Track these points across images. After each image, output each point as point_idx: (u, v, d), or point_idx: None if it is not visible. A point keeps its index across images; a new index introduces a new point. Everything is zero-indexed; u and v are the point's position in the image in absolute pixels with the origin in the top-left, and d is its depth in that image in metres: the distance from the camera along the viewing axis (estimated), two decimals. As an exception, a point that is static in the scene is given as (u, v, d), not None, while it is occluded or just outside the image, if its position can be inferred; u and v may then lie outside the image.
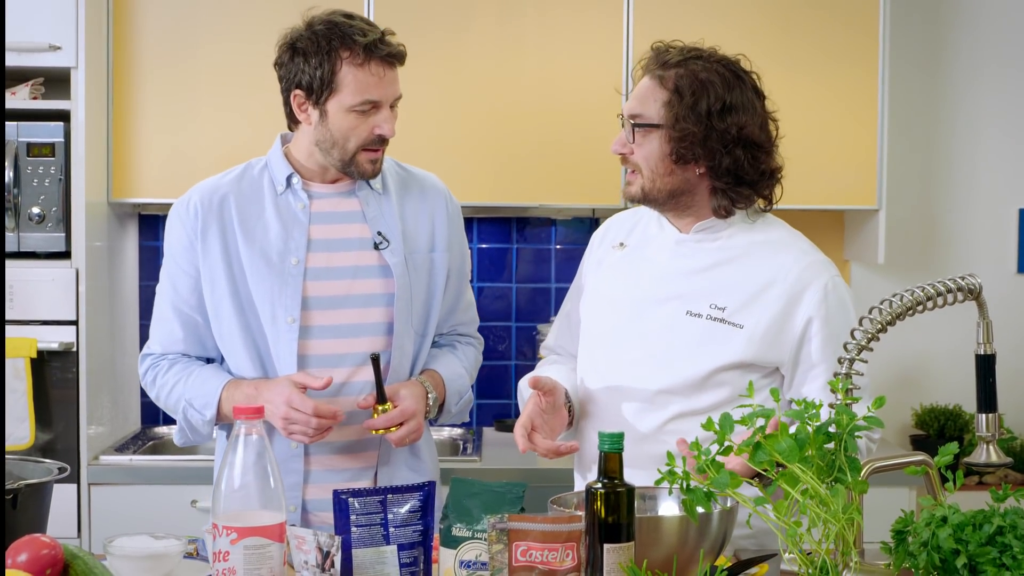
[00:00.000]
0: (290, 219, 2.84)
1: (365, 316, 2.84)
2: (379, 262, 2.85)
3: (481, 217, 4.43)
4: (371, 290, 2.84)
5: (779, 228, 2.77)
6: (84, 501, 3.79)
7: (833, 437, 2.10)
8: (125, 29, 3.99)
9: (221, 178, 2.91)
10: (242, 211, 2.84)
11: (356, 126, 2.77)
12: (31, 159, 3.80)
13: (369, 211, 2.87)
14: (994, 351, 2.31)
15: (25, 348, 3.73)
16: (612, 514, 2.07)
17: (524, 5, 4.05)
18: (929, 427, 4.20)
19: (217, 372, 2.86)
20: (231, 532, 2.12)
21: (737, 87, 2.66)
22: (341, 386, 2.82)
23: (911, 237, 4.50)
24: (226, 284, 2.82)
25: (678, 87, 2.62)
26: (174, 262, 2.88)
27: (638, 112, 2.66)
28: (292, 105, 2.82)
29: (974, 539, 2.00)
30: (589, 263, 2.90)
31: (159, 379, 2.89)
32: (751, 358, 2.63)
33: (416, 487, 2.31)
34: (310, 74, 2.75)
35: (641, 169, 2.67)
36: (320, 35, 2.75)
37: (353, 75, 2.74)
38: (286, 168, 2.86)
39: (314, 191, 2.87)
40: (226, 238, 2.83)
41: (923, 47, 4.48)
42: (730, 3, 4.07)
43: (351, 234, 2.86)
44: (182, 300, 2.87)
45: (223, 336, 2.85)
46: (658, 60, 2.68)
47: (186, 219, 2.86)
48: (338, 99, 2.76)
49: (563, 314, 2.98)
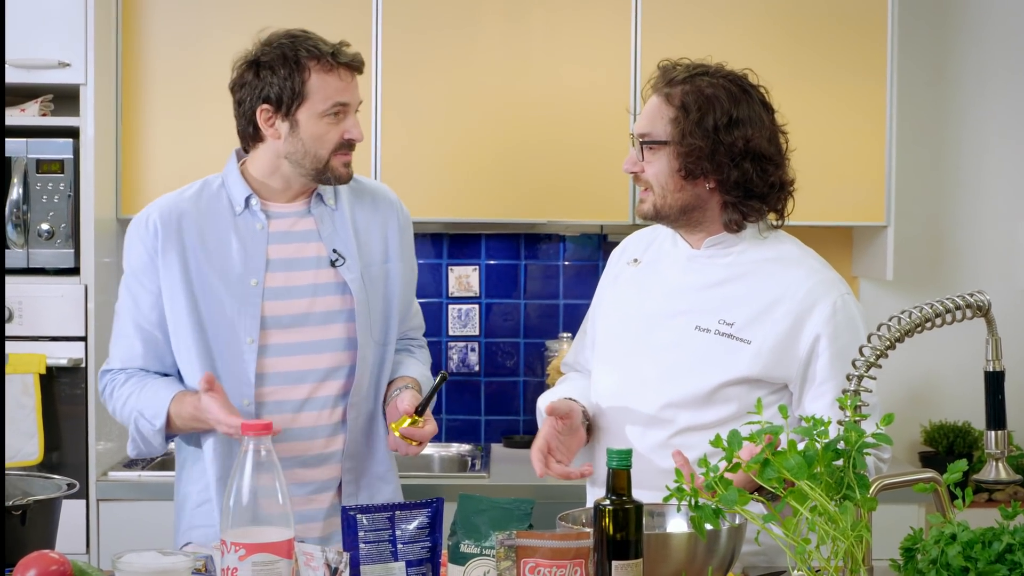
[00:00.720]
0: (249, 239, 2.87)
1: (325, 333, 2.89)
2: (336, 279, 2.89)
3: (489, 233, 4.43)
4: (330, 307, 2.89)
5: (790, 244, 2.78)
6: (93, 517, 3.80)
7: (841, 454, 2.09)
8: (134, 46, 4.00)
9: (179, 195, 2.93)
10: (201, 230, 2.87)
11: (327, 132, 2.83)
12: (40, 175, 3.81)
13: (324, 229, 2.91)
14: (1003, 368, 2.31)
15: (34, 364, 3.73)
16: (620, 531, 2.07)
17: (531, 20, 4.06)
18: (938, 444, 4.19)
19: (169, 384, 2.87)
20: (239, 548, 2.12)
21: (744, 101, 2.67)
22: (303, 402, 2.87)
23: (920, 253, 4.49)
24: (185, 302, 2.84)
25: (684, 103, 2.64)
26: (135, 279, 2.90)
27: (646, 131, 2.68)
28: (258, 121, 2.85)
29: (983, 557, 1.99)
30: (607, 279, 2.93)
31: (115, 392, 2.92)
32: (758, 374, 2.64)
33: (424, 503, 2.31)
34: (279, 86, 2.81)
35: (652, 186, 2.69)
36: (286, 47, 2.83)
37: (322, 81, 2.81)
38: (244, 189, 2.89)
39: (272, 211, 2.90)
40: (185, 256, 2.85)
41: (932, 62, 4.48)
42: (739, 17, 4.07)
43: (308, 253, 2.90)
44: (143, 317, 2.89)
45: (180, 352, 2.87)
46: (665, 78, 2.71)
47: (145, 236, 2.87)
48: (309, 106, 2.81)
49: (582, 330, 3.00)
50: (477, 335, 4.43)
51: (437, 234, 4.42)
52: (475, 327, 4.42)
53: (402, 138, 4.04)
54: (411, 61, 4.03)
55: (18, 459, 3.69)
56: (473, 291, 4.43)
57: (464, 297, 4.42)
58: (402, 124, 4.04)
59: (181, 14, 4.04)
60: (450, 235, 4.41)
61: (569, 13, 4.06)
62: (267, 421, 2.21)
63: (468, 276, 4.41)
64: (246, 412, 2.83)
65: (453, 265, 4.42)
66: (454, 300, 4.42)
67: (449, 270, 4.41)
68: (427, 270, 4.39)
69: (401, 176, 4.02)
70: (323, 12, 4.00)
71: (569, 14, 4.06)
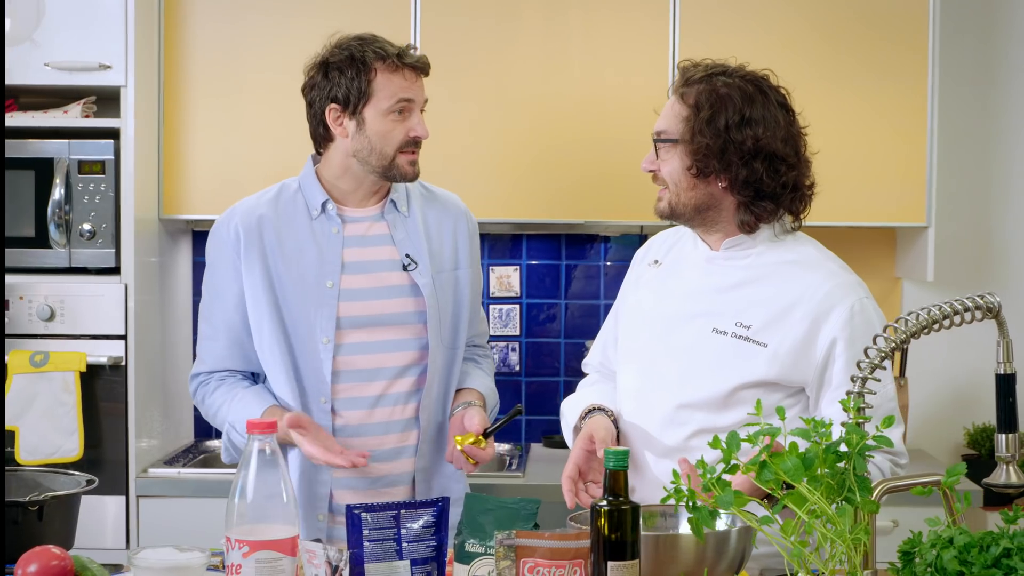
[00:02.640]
0: (325, 243, 2.97)
1: (398, 333, 2.98)
2: (409, 282, 2.99)
3: (531, 234, 4.44)
4: (403, 308, 2.98)
5: (810, 247, 2.76)
6: (133, 513, 3.85)
7: (843, 457, 2.08)
8: (176, 48, 4.06)
9: (259, 198, 3.03)
10: (280, 234, 2.97)
11: (392, 129, 2.93)
12: (82, 176, 3.87)
13: (397, 234, 3.01)
14: (1014, 371, 2.30)
15: (75, 362, 3.79)
16: (616, 531, 2.07)
17: (569, 21, 4.07)
18: (981, 447, 4.15)
19: (259, 395, 2.97)
20: (243, 545, 2.15)
21: (759, 100, 2.66)
22: (378, 399, 2.98)
23: (963, 254, 4.44)
24: (266, 303, 2.94)
25: (697, 102, 2.65)
26: (218, 281, 3.01)
27: (660, 128, 2.70)
28: (327, 120, 2.95)
29: (979, 561, 1.98)
30: (630, 280, 2.95)
31: (207, 399, 3.04)
32: (774, 377, 2.63)
33: (430, 503, 2.33)
34: (346, 86, 2.91)
35: (668, 184, 2.70)
36: (353, 49, 2.93)
37: (387, 79, 2.92)
38: (321, 194, 2.99)
39: (347, 215, 3.00)
40: (266, 259, 2.95)
41: (974, 62, 4.43)
42: (777, 19, 4.05)
43: (382, 256, 2.99)
44: (228, 318, 3.00)
45: (264, 351, 2.97)
46: (683, 78, 2.72)
47: (227, 239, 2.98)
48: (374, 104, 2.92)
49: (606, 331, 3.01)
50: (518, 335, 4.44)
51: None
52: (516, 327, 4.44)
53: (441, 139, 4.05)
54: (449, 63, 4.04)
55: (58, 456, 3.75)
56: (514, 291, 4.44)
57: (505, 297, 4.44)
58: (441, 125, 4.05)
59: (223, 17, 4.08)
60: (491, 235, 4.43)
61: (607, 14, 4.06)
62: (272, 420, 2.24)
63: (509, 276, 4.42)
64: (323, 410, 2.95)
65: (494, 265, 4.43)
66: (495, 300, 4.43)
67: (490, 270, 4.43)
68: (467, 270, 4.41)
69: (440, 177, 4.00)
70: (362, 15, 4.02)
71: (607, 15, 4.06)
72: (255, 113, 4.07)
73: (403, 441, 2.99)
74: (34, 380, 3.77)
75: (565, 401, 2.95)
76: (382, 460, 2.97)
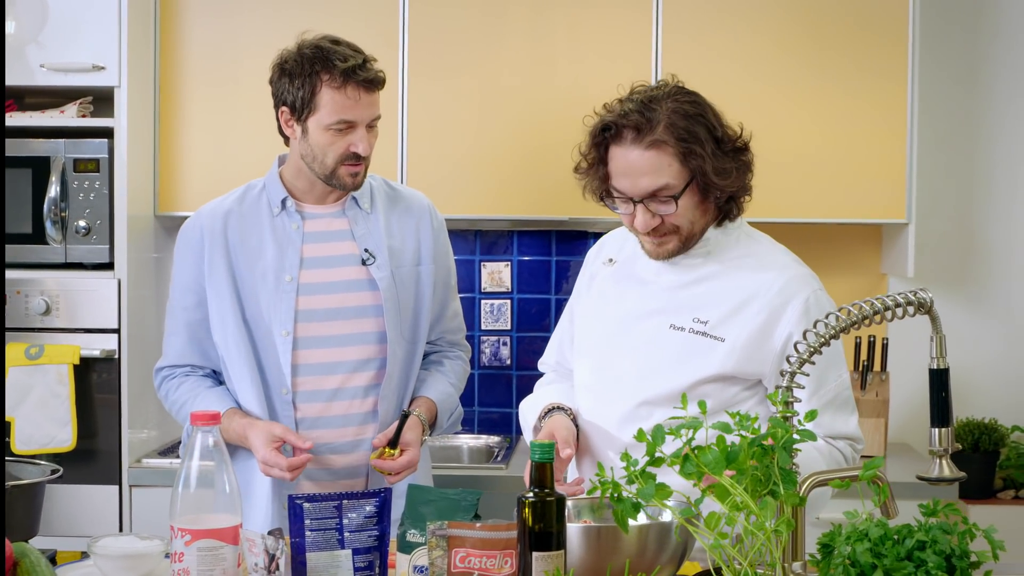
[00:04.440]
0: (284, 239, 3.03)
1: (356, 327, 3.03)
2: (367, 276, 3.03)
3: (521, 230, 4.49)
4: (361, 302, 3.03)
5: (763, 242, 2.79)
6: (126, 503, 3.94)
7: (768, 450, 2.12)
8: (171, 48, 4.14)
9: (224, 199, 3.12)
10: (243, 232, 3.04)
11: (333, 143, 2.96)
12: (77, 174, 3.96)
13: (357, 229, 3.06)
14: (947, 365, 2.31)
15: (69, 355, 3.88)
16: (539, 522, 2.12)
17: (554, 21, 4.12)
18: (964, 441, 4.16)
19: (221, 396, 3.05)
20: (186, 534, 2.21)
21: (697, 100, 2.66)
22: (336, 391, 3.03)
23: (945, 250, 4.46)
24: (229, 299, 3.01)
25: (673, 136, 2.59)
26: (181, 279, 3.09)
27: (658, 187, 2.61)
28: (280, 121, 3.03)
29: (891, 554, 2.01)
30: (584, 279, 2.95)
31: (171, 394, 3.12)
32: (731, 370, 2.66)
33: (372, 493, 2.38)
34: (293, 93, 2.96)
35: (680, 227, 2.67)
36: (305, 58, 2.96)
37: (331, 96, 2.93)
38: (281, 191, 3.06)
39: (307, 212, 3.07)
40: (229, 257, 3.03)
41: (956, 60, 4.44)
42: (759, 18, 4.08)
43: (341, 251, 3.04)
44: (188, 315, 3.09)
45: (227, 347, 3.04)
46: (637, 131, 2.61)
47: (192, 240, 3.07)
48: (316, 118, 2.95)
49: (561, 330, 3.03)
50: (509, 329, 4.50)
51: (469, 231, 4.49)
52: (507, 321, 4.49)
53: (428, 137, 4.12)
54: (437, 61, 4.11)
55: (52, 446, 3.85)
56: (505, 287, 4.49)
57: (496, 292, 4.49)
58: (428, 123, 4.12)
59: (217, 19, 4.16)
60: (483, 232, 4.48)
61: (591, 14, 4.11)
62: (215, 412, 2.30)
63: (500, 272, 4.48)
64: (285, 401, 3.01)
65: (485, 261, 4.49)
66: (486, 295, 4.49)
67: (482, 266, 4.48)
68: (460, 266, 4.46)
69: (427, 174, 4.10)
70: (351, 13, 4.09)
71: (591, 15, 4.11)
72: (249, 111, 4.14)
73: (360, 434, 3.04)
74: (29, 372, 3.86)
75: (524, 401, 2.98)
76: (340, 452, 3.03)
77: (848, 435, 2.71)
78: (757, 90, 4.07)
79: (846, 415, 2.71)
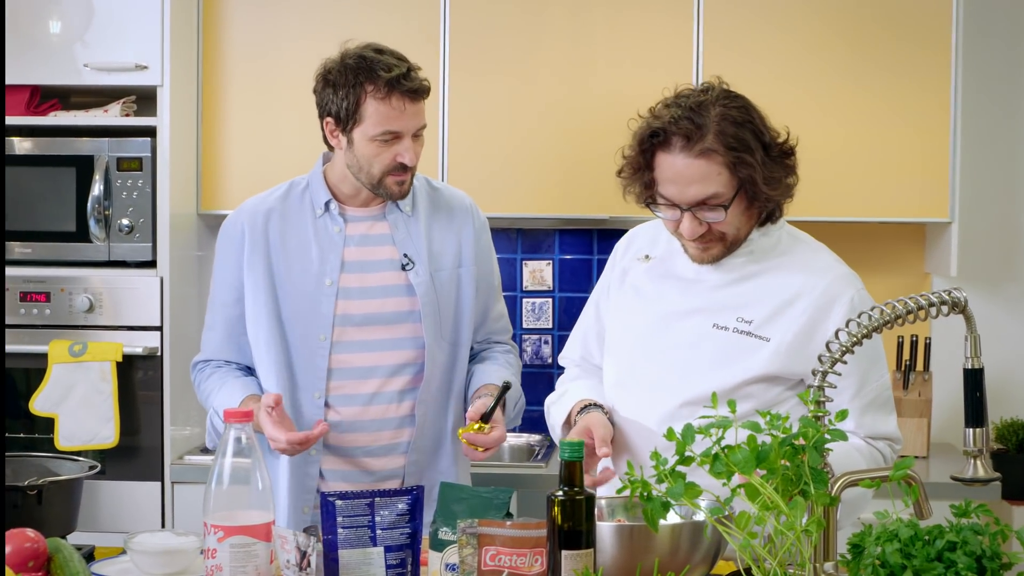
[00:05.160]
0: (326, 242, 3.02)
1: (394, 332, 3.02)
2: (406, 282, 3.02)
3: (563, 229, 4.50)
4: (399, 308, 3.02)
5: (805, 242, 2.78)
6: (168, 499, 3.98)
7: (799, 449, 2.11)
8: (214, 48, 4.17)
9: (267, 196, 3.11)
10: (284, 231, 3.04)
11: (379, 154, 2.93)
12: (120, 173, 4.00)
13: (398, 234, 3.04)
14: (982, 365, 2.29)
15: (111, 352, 3.92)
16: (568, 521, 2.12)
17: (595, 21, 4.12)
18: (1008, 441, 4.13)
19: (246, 385, 3.04)
20: (218, 531, 2.24)
21: (744, 103, 2.64)
22: (372, 396, 3.01)
23: (987, 249, 4.42)
24: (266, 298, 3.01)
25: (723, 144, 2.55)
26: (221, 275, 3.09)
27: (710, 193, 2.58)
28: (324, 131, 3.00)
29: (921, 554, 2.00)
30: (614, 275, 2.91)
31: (201, 385, 3.12)
32: (776, 371, 2.64)
33: (404, 491, 2.39)
34: (338, 104, 2.93)
35: (726, 234, 2.65)
36: (349, 68, 2.92)
37: (375, 107, 2.90)
38: (325, 193, 3.04)
39: (349, 215, 3.05)
40: (269, 255, 3.02)
41: (997, 62, 4.40)
42: (800, 20, 4.07)
43: (381, 256, 3.03)
44: (227, 311, 3.08)
45: (258, 344, 3.04)
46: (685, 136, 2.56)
47: (234, 236, 3.07)
48: (362, 129, 2.92)
49: (586, 325, 2.99)
50: (550, 328, 4.50)
51: (511, 229, 4.49)
52: (548, 320, 4.50)
53: (470, 136, 4.13)
54: (478, 60, 4.12)
55: (95, 443, 3.89)
56: (547, 285, 4.50)
57: (538, 291, 4.50)
58: (470, 122, 4.13)
59: (260, 18, 4.18)
60: (524, 231, 4.49)
61: (632, 15, 4.11)
62: (248, 409, 2.32)
63: (542, 270, 4.48)
64: (316, 405, 3.00)
65: (527, 260, 4.49)
66: (528, 294, 4.50)
67: (524, 264, 4.49)
68: (502, 265, 4.44)
69: (468, 173, 4.11)
70: (393, 14, 4.11)
71: (632, 16, 4.11)
72: (291, 109, 4.16)
73: (396, 438, 3.03)
74: (72, 369, 3.90)
75: (549, 397, 2.96)
76: (374, 456, 3.02)
77: (888, 435, 2.70)
78: (799, 92, 4.05)
79: (886, 415, 2.70)
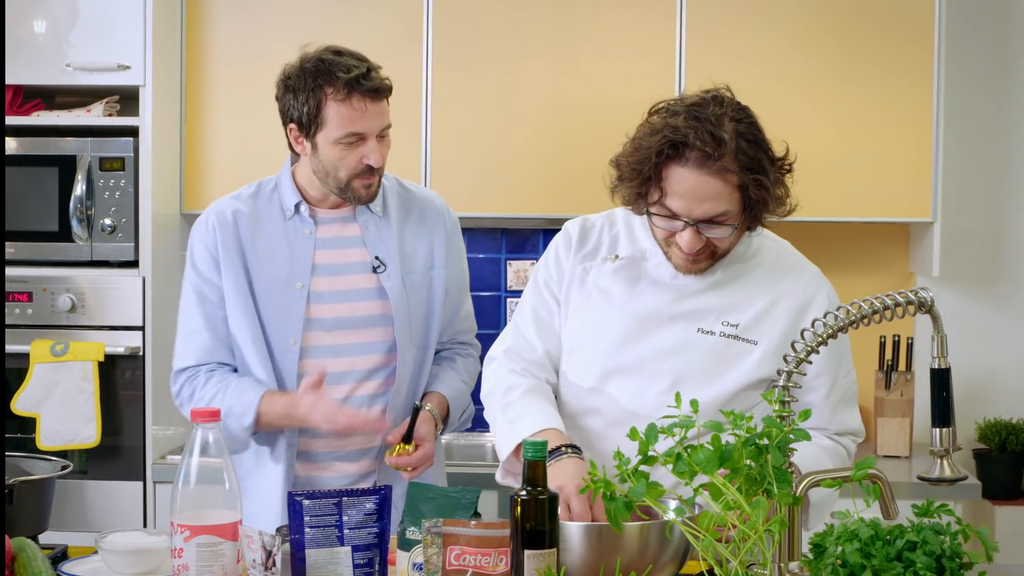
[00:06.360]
0: (297, 244, 2.98)
1: (366, 336, 2.99)
2: (377, 285, 2.99)
3: (547, 228, 4.49)
4: (371, 311, 2.99)
5: (770, 237, 2.76)
6: (150, 499, 3.98)
7: (763, 449, 2.11)
8: (197, 47, 4.17)
9: (236, 196, 3.06)
10: (254, 231, 3.00)
11: (344, 157, 2.89)
12: (103, 173, 4.00)
13: (368, 236, 3.00)
14: (948, 365, 2.31)
15: (93, 352, 3.92)
16: (530, 521, 2.13)
17: (578, 19, 4.12)
18: (991, 441, 4.13)
19: (254, 384, 2.98)
20: (185, 530, 2.23)
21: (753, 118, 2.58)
22: (343, 402, 2.97)
23: (971, 249, 4.43)
24: (241, 299, 2.98)
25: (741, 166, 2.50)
26: (199, 276, 3.02)
27: (721, 211, 2.54)
28: (289, 138, 2.96)
29: (881, 554, 2.00)
30: (574, 274, 2.76)
31: (197, 392, 3.00)
32: (767, 374, 2.62)
33: (372, 491, 2.39)
34: (299, 109, 2.89)
35: (719, 248, 2.62)
36: (308, 72, 2.88)
37: (336, 110, 2.85)
38: (294, 195, 3.00)
39: (319, 217, 3.01)
40: (243, 255, 2.99)
41: (982, 60, 4.41)
42: (784, 18, 4.07)
43: (352, 258, 3.00)
44: (212, 311, 3.01)
45: (242, 345, 3.00)
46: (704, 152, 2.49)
47: (206, 236, 3.01)
48: (325, 133, 2.88)
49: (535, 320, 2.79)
50: (534, 327, 4.49)
51: (495, 229, 4.49)
52: (532, 320, 4.49)
53: (453, 135, 4.14)
54: (461, 59, 4.12)
55: (76, 442, 3.89)
56: (531, 285, 4.49)
57: (522, 291, 4.48)
58: (453, 121, 4.14)
59: (243, 18, 4.19)
60: (508, 230, 4.49)
61: (616, 14, 4.11)
62: (215, 408, 2.32)
63: (526, 270, 4.48)
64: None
65: (511, 259, 4.49)
66: (512, 294, 4.50)
67: (508, 264, 4.49)
68: (486, 264, 4.48)
69: (451, 172, 4.12)
70: (376, 14, 4.11)
71: (616, 15, 4.11)
72: (274, 109, 4.08)
73: (369, 442, 3.01)
74: (54, 369, 3.91)
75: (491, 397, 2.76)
76: (348, 460, 3.01)
77: (853, 430, 2.72)
78: (782, 91, 4.05)
79: (852, 408, 2.73)
